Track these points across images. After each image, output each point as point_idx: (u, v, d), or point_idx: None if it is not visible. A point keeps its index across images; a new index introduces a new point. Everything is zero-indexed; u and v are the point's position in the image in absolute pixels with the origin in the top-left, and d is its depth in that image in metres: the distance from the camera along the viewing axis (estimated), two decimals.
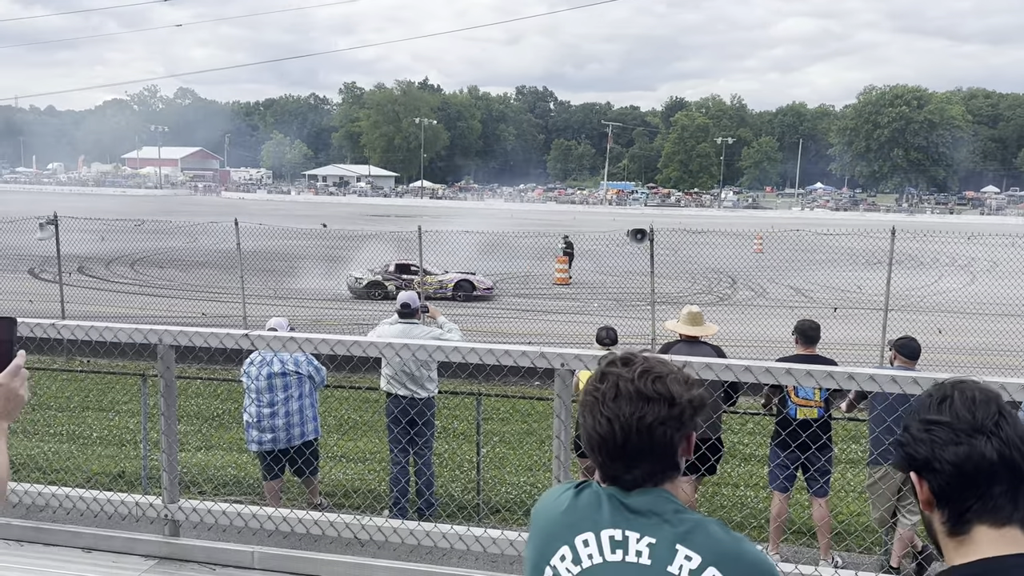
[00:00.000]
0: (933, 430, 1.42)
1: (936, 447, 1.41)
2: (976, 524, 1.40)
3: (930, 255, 23.85)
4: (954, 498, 1.42)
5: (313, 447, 6.57)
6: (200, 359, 12.08)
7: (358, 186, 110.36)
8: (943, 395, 1.45)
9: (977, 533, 1.40)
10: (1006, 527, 1.39)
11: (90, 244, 24.49)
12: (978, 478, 1.39)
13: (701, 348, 6.43)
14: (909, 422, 1.47)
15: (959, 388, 1.45)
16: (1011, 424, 1.40)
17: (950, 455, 1.40)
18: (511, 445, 9.31)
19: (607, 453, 1.59)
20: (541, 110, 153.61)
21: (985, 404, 1.42)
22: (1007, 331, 14.72)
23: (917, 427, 1.45)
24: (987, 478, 1.39)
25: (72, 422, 9.87)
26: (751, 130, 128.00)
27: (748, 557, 1.55)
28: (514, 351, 3.95)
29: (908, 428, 1.46)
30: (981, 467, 1.39)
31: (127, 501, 4.50)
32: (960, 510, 1.41)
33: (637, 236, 16.96)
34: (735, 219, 61.00)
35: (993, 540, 1.39)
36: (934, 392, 1.47)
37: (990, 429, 1.39)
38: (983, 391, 1.45)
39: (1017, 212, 78.48)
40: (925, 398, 1.47)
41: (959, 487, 1.41)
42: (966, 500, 1.41)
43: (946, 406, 1.43)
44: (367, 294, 21.44)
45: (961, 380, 1.49)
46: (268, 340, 4.21)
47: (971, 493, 1.40)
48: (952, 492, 1.42)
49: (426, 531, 4.18)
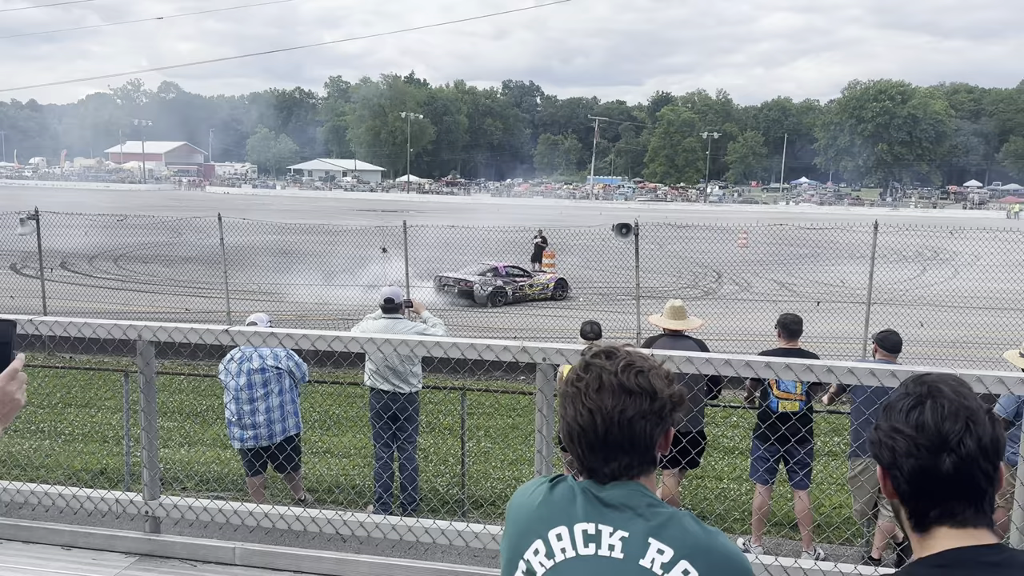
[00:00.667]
0: (896, 439, 1.43)
1: (897, 455, 1.42)
2: (936, 526, 1.42)
3: (913, 249, 24.00)
4: (914, 503, 1.44)
5: (295, 443, 6.55)
6: (184, 355, 12.03)
7: (344, 181, 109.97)
8: (916, 401, 1.43)
9: (938, 532, 1.42)
10: (967, 528, 1.41)
11: (73, 239, 24.28)
12: (934, 492, 1.40)
13: (684, 342, 6.46)
14: (880, 419, 1.48)
15: (933, 395, 1.43)
16: (978, 437, 1.39)
17: (908, 467, 1.41)
18: (495, 440, 9.32)
19: (587, 444, 1.60)
20: (528, 104, 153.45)
21: (954, 417, 1.40)
22: (988, 324, 14.84)
23: (884, 430, 1.45)
24: (943, 492, 1.40)
25: (54, 418, 9.80)
26: (736, 125, 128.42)
27: (720, 550, 1.55)
28: (496, 346, 3.95)
29: (878, 426, 1.47)
30: (937, 482, 1.40)
31: (107, 498, 4.47)
32: (921, 513, 1.43)
33: (622, 231, 17.01)
34: (721, 214, 61.19)
35: (955, 538, 1.41)
36: (910, 391, 1.46)
37: (952, 446, 1.38)
38: (956, 401, 1.42)
39: (999, 206, 79.08)
40: (900, 398, 1.46)
41: (917, 495, 1.43)
42: (926, 507, 1.42)
43: (915, 416, 1.42)
44: (491, 300, 20.70)
45: (939, 383, 1.46)
46: (249, 336, 4.19)
47: (929, 502, 1.42)
48: (911, 498, 1.44)
49: (409, 526, 4.18)
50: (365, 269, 21.18)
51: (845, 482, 6.84)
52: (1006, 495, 3.78)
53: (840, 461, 8.08)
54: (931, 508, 1.41)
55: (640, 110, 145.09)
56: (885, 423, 1.45)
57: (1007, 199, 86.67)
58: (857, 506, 6.26)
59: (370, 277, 20.02)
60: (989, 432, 1.40)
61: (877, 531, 6.14)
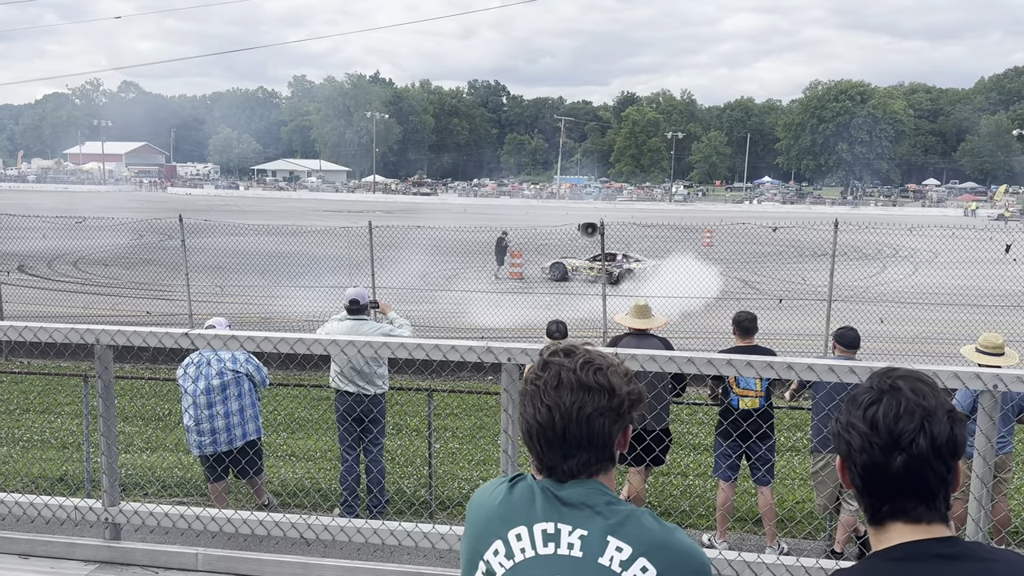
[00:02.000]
0: (851, 433, 1.44)
1: (852, 450, 1.44)
2: (890, 521, 1.43)
3: (873, 247, 24.41)
4: (868, 497, 1.45)
5: (256, 447, 6.48)
6: (144, 359, 11.85)
7: (309, 181, 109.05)
8: (875, 397, 1.43)
9: (892, 527, 1.43)
10: (921, 524, 1.42)
11: (30, 242, 23.80)
12: (885, 488, 1.42)
13: (649, 340, 6.50)
14: (843, 411, 1.48)
15: (892, 392, 1.43)
16: (932, 437, 1.38)
17: (861, 462, 1.43)
18: (463, 440, 9.31)
19: (545, 442, 1.61)
20: (494, 104, 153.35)
21: (909, 416, 1.39)
22: (947, 320, 15.12)
23: (843, 423, 1.46)
24: (894, 489, 1.42)
25: (11, 425, 9.60)
26: (700, 125, 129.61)
27: (677, 547, 1.57)
28: (461, 346, 3.93)
29: (839, 418, 1.48)
30: (888, 479, 1.41)
31: (66, 505, 4.38)
32: (874, 508, 1.45)
33: (588, 230, 17.05)
34: (686, 213, 61.68)
35: (908, 532, 1.42)
36: (873, 386, 1.45)
37: (903, 445, 1.38)
38: (913, 400, 1.41)
39: (957, 204, 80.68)
40: (862, 392, 1.46)
41: (869, 491, 1.44)
42: (878, 502, 1.43)
43: (871, 412, 1.42)
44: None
45: (901, 379, 1.45)
46: (209, 339, 4.14)
47: (880, 498, 1.43)
48: (865, 492, 1.45)
49: (374, 528, 4.15)
50: (331, 271, 21.04)
51: (807, 477, 6.94)
52: (963, 487, 3.86)
53: (802, 457, 8.19)
54: (883, 503, 1.43)
55: (606, 110, 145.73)
56: (845, 416, 1.46)
57: (964, 197, 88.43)
58: (819, 501, 6.35)
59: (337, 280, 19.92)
60: (946, 432, 1.39)
61: (839, 525, 6.24)
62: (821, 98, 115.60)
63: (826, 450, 6.03)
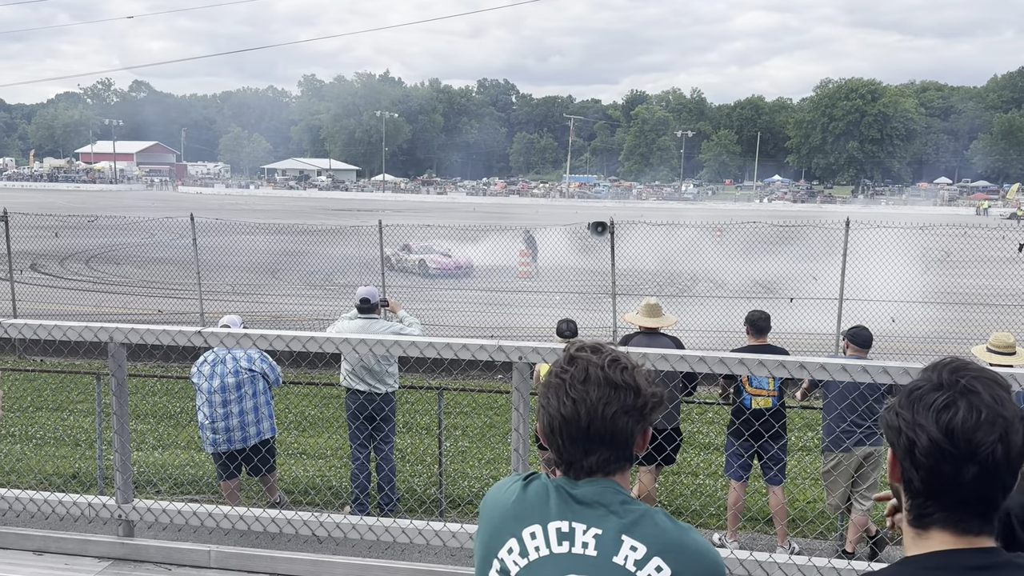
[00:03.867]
0: (918, 434, 1.30)
1: (916, 451, 1.30)
2: (936, 528, 1.34)
3: (884, 246, 24.32)
4: (921, 500, 1.34)
5: (269, 445, 6.50)
6: (156, 357, 11.91)
7: (319, 180, 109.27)
8: (950, 400, 1.29)
9: (935, 534, 1.34)
10: (968, 535, 1.33)
11: (43, 241, 23.93)
12: (946, 497, 1.31)
13: (660, 339, 6.49)
14: (902, 403, 1.34)
15: (968, 396, 1.28)
16: (1007, 450, 1.27)
17: (925, 467, 1.30)
18: (473, 439, 9.32)
19: (568, 436, 1.60)
20: (503, 103, 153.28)
21: (989, 426, 1.26)
22: (958, 319, 15.07)
23: (906, 420, 1.32)
24: (956, 499, 1.31)
25: (25, 422, 9.66)
26: (710, 123, 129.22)
27: (692, 547, 1.56)
28: (472, 345, 3.95)
29: (899, 412, 1.34)
30: (954, 488, 1.30)
31: (80, 502, 4.42)
32: (924, 510, 1.34)
33: (598, 229, 17.03)
34: (696, 211, 61.50)
35: (950, 542, 1.32)
36: (944, 383, 1.31)
37: (980, 458, 1.26)
38: (993, 408, 1.28)
39: (969, 203, 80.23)
40: (930, 389, 1.32)
41: (926, 495, 1.33)
42: (932, 508, 1.33)
43: (947, 418, 1.28)
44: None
45: (976, 380, 1.31)
46: (222, 337, 4.16)
47: (936, 505, 1.32)
48: (919, 495, 1.34)
49: (385, 526, 4.17)
50: (341, 270, 21.11)
51: (819, 477, 6.92)
52: None
53: (813, 456, 8.17)
54: (937, 510, 1.32)
55: (615, 109, 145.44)
56: (908, 412, 1.32)
57: (976, 195, 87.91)
58: (831, 500, 6.33)
59: (348, 279, 19.99)
60: (1020, 443, 1.28)
61: (850, 525, 6.22)
62: (832, 96, 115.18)
63: (838, 449, 6.01)
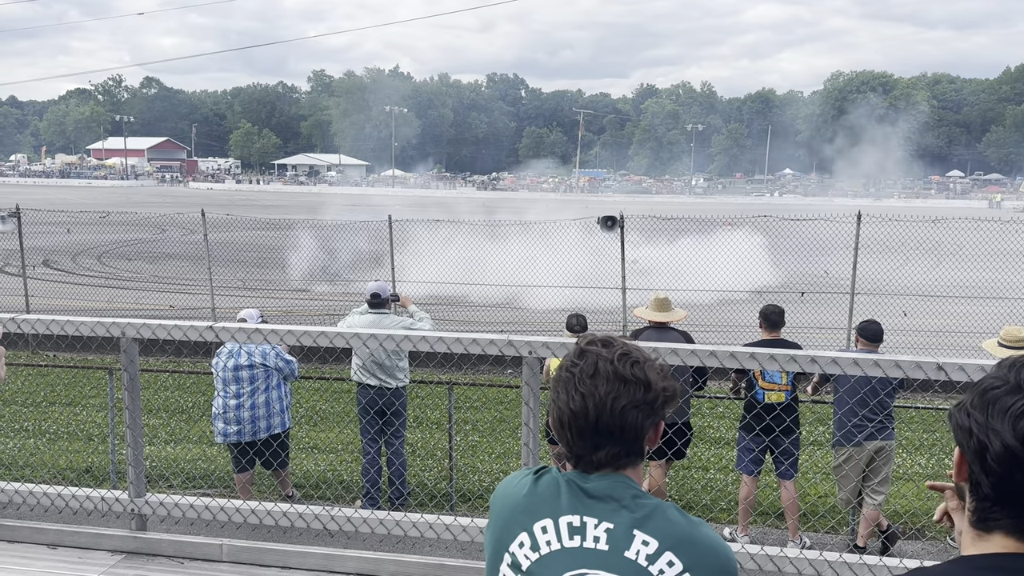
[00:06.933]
0: (991, 439, 1.22)
1: (988, 455, 1.23)
2: (1000, 532, 1.27)
3: (896, 239, 24.18)
4: (987, 504, 1.28)
5: (281, 439, 6.53)
6: (168, 352, 11.97)
7: (328, 175, 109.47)
8: None
9: (997, 538, 1.28)
10: None
11: (55, 237, 24.08)
12: (1016, 506, 1.24)
13: (669, 334, 6.48)
14: (974, 404, 1.26)
15: None
16: None
17: (997, 472, 1.23)
18: (483, 433, 9.33)
19: (576, 430, 1.60)
20: (512, 98, 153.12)
21: None
22: (970, 313, 14.96)
23: (979, 422, 1.24)
24: None
25: (38, 417, 9.72)
26: (721, 117, 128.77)
27: (705, 541, 1.56)
28: (482, 339, 3.94)
29: (971, 412, 1.26)
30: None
31: (93, 496, 4.44)
32: (989, 513, 1.28)
33: (608, 223, 16.98)
34: (707, 205, 61.31)
35: (1011, 546, 1.27)
36: (1022, 385, 1.23)
37: None
38: None
39: (981, 196, 79.71)
40: (1008, 391, 1.23)
41: (995, 499, 1.26)
42: (999, 512, 1.27)
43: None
44: None
45: None
46: (233, 331, 4.17)
47: (1004, 512, 1.26)
48: (986, 499, 1.27)
49: (396, 520, 4.18)
50: (352, 265, 21.14)
51: (830, 471, 6.90)
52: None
53: (825, 450, 8.14)
54: (1005, 516, 1.25)
55: (625, 103, 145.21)
56: (981, 414, 1.24)
57: (989, 188, 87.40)
58: (842, 495, 6.31)
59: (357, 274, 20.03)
60: None
61: (862, 519, 6.20)
62: (843, 89, 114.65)
63: (849, 444, 6.00)
